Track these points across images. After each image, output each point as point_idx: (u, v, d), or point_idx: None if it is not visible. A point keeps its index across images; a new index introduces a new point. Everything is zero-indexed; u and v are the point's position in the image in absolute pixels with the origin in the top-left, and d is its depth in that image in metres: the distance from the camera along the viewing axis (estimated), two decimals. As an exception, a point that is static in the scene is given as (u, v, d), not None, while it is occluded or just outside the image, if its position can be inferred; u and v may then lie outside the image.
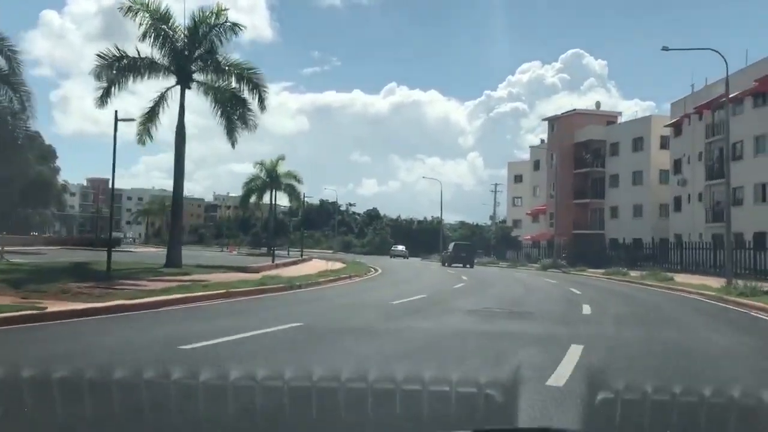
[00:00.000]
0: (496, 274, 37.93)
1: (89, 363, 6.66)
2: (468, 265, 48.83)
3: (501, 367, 7.15)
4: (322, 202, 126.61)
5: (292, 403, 4.41)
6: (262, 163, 56.75)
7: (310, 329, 10.32)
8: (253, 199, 57.67)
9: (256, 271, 27.19)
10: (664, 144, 54.62)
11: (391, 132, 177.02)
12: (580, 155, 62.39)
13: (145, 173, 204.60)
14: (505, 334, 10.46)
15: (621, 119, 62.97)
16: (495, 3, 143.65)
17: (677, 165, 51.00)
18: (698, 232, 46.71)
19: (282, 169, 56.87)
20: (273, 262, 34.24)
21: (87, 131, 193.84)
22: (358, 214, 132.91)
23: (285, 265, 36.14)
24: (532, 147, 74.88)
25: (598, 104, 64.11)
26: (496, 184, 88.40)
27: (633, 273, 36.43)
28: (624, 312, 15.88)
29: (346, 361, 7.55)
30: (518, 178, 79.99)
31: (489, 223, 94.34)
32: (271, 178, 56.70)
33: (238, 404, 4.43)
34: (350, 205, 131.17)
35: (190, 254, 34.59)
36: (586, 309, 15.86)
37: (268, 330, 9.84)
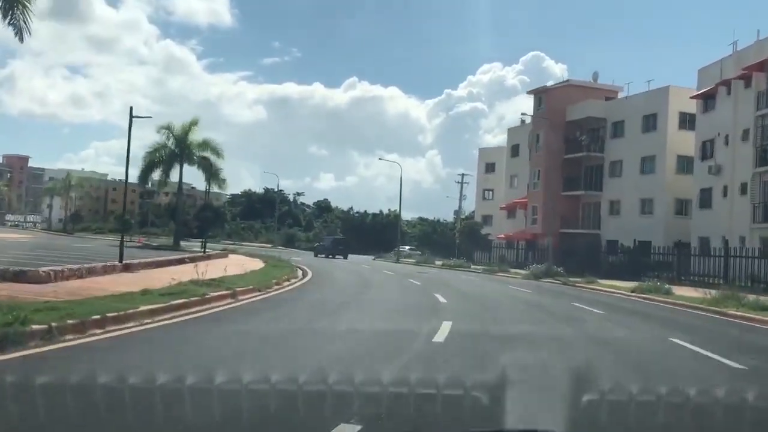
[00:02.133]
0: (485, 290, 24.85)
1: None
2: (342, 257, 53.51)
3: None
4: (266, 190, 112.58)
5: None
6: (168, 128, 42.99)
7: None
8: (156, 175, 43.70)
9: (43, 280, 13.76)
10: (686, 122, 42.64)
11: (351, 127, 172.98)
12: (573, 136, 50.05)
13: (95, 158, 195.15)
14: None
15: (622, 95, 50.84)
16: (459, 2, 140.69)
17: (707, 148, 38.87)
18: (738, 235, 34.71)
19: (196, 136, 43.26)
20: (121, 260, 20.53)
21: (34, 112, 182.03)
22: (308, 206, 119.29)
23: (150, 265, 22.66)
24: (510, 129, 62.39)
25: (595, 75, 52.02)
26: (462, 174, 75.53)
27: (685, 292, 23.96)
28: None
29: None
30: (490, 167, 67.45)
31: (453, 219, 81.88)
32: (180, 149, 42.92)
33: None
34: (298, 194, 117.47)
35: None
36: None
37: None
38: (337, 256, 53.05)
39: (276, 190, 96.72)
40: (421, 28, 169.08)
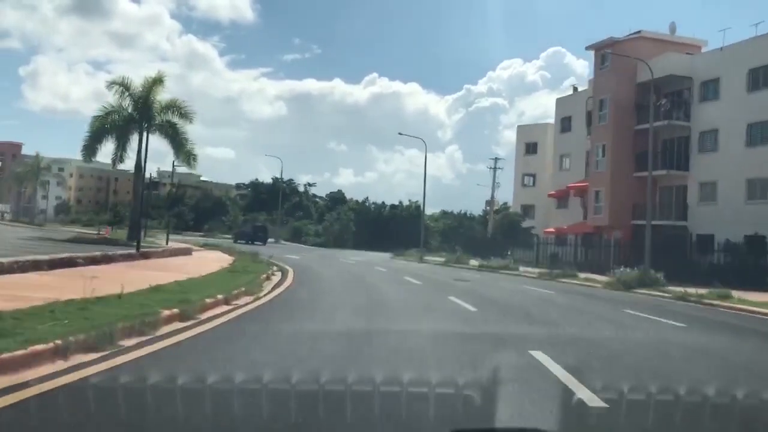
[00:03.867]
0: (626, 334, 13.40)
1: None
2: (260, 243, 54.99)
3: None
4: (275, 180, 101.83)
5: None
6: (124, 85, 32.30)
7: None
8: (108, 145, 32.82)
9: None
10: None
11: (370, 122, 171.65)
12: (646, 102, 38.66)
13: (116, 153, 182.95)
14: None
15: (706, 51, 39.33)
16: None
17: None
18: None
19: (161, 96, 32.50)
20: None
21: (57, 108, 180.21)
22: (320, 198, 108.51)
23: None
24: (560, 99, 50.89)
25: (672, 26, 40.55)
26: (495, 158, 64.33)
27: None
28: None
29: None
30: (531, 148, 56.04)
31: (483, 210, 70.72)
32: (140, 112, 32.18)
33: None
34: (310, 185, 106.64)
35: None
36: None
37: None
38: (256, 243, 54.37)
39: (281, 178, 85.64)
40: (441, 23, 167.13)
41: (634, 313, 14.97)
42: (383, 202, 78.10)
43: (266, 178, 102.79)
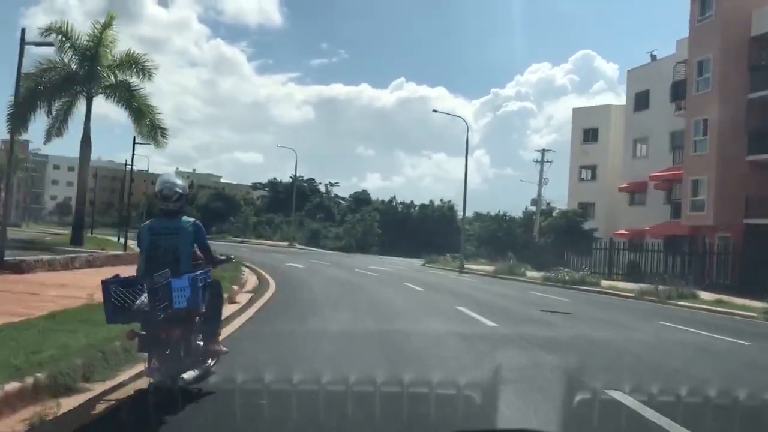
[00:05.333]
0: None
1: None
2: None
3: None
4: (294, 179, 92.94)
5: None
6: (63, 33, 23.43)
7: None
8: (44, 118, 23.81)
9: None
10: None
11: (397, 127, 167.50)
12: (765, 62, 28.86)
13: (145, 157, 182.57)
14: None
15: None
16: (507, 1, 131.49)
17: None
18: None
19: (114, 48, 23.56)
20: None
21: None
22: (343, 198, 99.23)
23: None
24: (632, 71, 40.76)
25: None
26: (543, 150, 54.39)
27: None
28: None
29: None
30: (590, 135, 46.18)
31: (527, 210, 60.94)
32: (86, 68, 23.30)
33: None
34: (332, 185, 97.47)
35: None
36: None
37: None
38: None
39: (299, 177, 76.60)
40: (468, 28, 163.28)
41: None
42: (412, 201, 68.64)
43: (286, 178, 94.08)
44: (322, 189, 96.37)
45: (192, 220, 5.25)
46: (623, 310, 16.45)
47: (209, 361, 5.23)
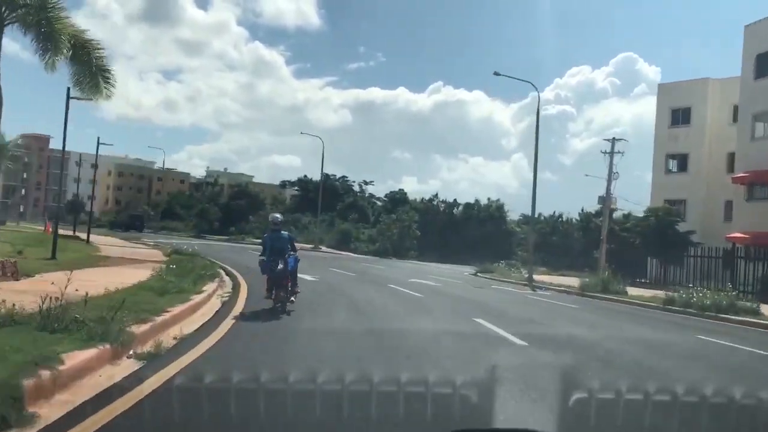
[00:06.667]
0: None
1: None
2: (137, 231, 57.80)
3: None
4: (327, 177, 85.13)
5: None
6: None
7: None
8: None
9: None
10: None
11: (434, 130, 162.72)
12: None
13: (187, 160, 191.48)
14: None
15: None
16: (546, 4, 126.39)
17: None
18: None
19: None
20: None
21: (130, 116, 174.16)
22: (378, 198, 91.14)
23: None
24: (750, 26, 31.63)
25: None
26: (613, 139, 45.63)
27: None
28: None
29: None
30: (680, 117, 37.24)
31: (596, 209, 52.01)
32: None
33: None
34: (366, 183, 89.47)
35: None
36: None
37: None
38: (131, 230, 55.73)
39: (327, 173, 68.89)
40: (507, 31, 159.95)
41: None
42: (455, 200, 60.11)
43: (318, 176, 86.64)
44: (356, 188, 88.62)
45: (286, 233, 11.95)
46: None
47: (294, 296, 11.45)
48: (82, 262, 16.73)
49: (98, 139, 32.43)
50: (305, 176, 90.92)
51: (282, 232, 11.62)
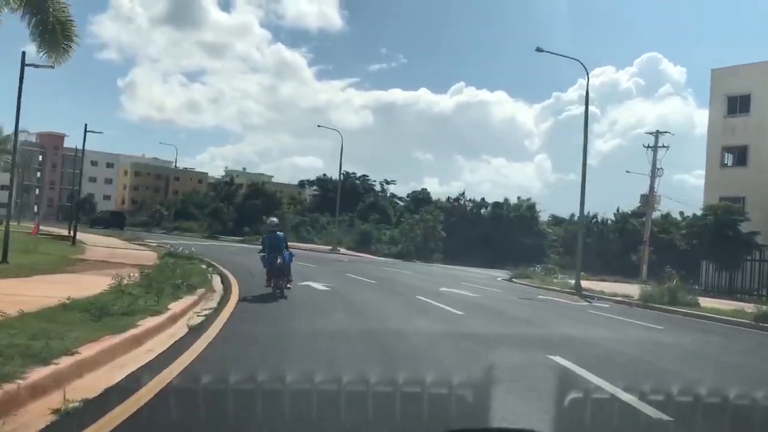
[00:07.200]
0: None
1: None
2: (118, 228, 56.36)
3: None
4: (346, 176, 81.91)
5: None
6: None
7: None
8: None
9: None
10: None
11: (456, 131, 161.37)
12: None
13: (210, 162, 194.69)
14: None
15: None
16: (568, 4, 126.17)
17: None
18: None
19: None
20: None
21: (153, 118, 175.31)
22: (400, 198, 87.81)
23: None
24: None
25: None
26: (657, 132, 41.96)
27: None
28: None
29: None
30: (738, 105, 33.37)
31: (636, 208, 48.21)
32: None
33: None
34: (387, 183, 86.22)
35: None
36: None
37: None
38: (112, 227, 55.29)
39: (347, 173, 65.72)
40: (529, 31, 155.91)
41: None
42: (483, 199, 56.52)
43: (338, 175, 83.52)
44: (377, 188, 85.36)
45: (282, 234, 13.88)
46: None
47: (289, 285, 13.13)
48: (42, 266, 13.61)
49: (85, 126, 29.18)
50: (324, 175, 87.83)
51: (278, 233, 13.81)
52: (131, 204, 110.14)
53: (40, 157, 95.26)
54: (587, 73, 25.55)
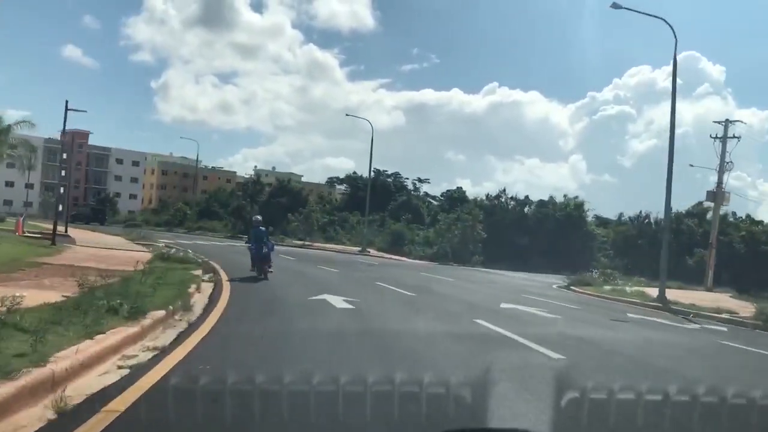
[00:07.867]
0: None
1: None
2: (99, 223, 60.42)
3: None
4: (377, 173, 77.89)
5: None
6: None
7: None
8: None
9: None
10: None
11: (489, 132, 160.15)
12: None
13: (242, 163, 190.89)
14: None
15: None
16: (602, 3, 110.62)
17: None
18: None
19: None
20: None
21: (186, 119, 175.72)
22: (434, 197, 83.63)
23: None
24: None
25: None
26: (727, 121, 37.19)
27: None
28: None
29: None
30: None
31: (702, 205, 43.44)
32: None
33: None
34: (420, 181, 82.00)
35: None
36: None
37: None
38: (93, 223, 58.91)
39: (378, 171, 61.52)
40: (563, 30, 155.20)
41: None
42: (526, 197, 52.01)
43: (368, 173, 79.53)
44: (410, 186, 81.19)
45: (264, 228, 16.63)
46: None
47: (270, 270, 15.92)
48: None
49: (66, 102, 25.23)
50: (354, 172, 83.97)
51: (261, 228, 16.65)
52: (158, 203, 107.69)
53: (64, 155, 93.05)
54: (674, 33, 21.12)
